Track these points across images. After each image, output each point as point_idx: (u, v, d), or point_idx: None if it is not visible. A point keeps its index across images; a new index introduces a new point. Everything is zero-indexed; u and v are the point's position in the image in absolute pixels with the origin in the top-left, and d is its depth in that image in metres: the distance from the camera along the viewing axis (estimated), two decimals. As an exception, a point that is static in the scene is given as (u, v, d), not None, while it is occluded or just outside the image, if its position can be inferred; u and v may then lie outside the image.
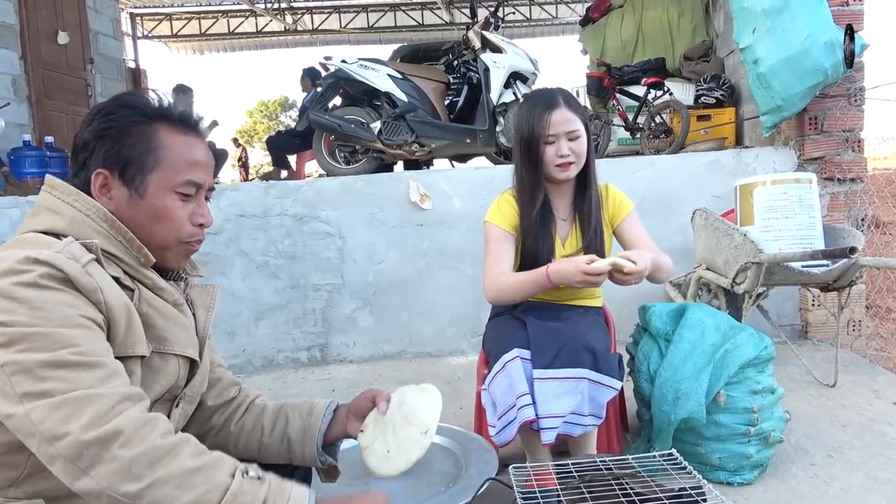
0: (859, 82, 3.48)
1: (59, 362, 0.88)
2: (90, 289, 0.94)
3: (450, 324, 3.76)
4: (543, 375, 1.70)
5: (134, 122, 1.07)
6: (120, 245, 1.05)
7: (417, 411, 1.33)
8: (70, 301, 0.92)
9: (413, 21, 12.39)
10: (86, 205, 1.04)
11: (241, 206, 3.74)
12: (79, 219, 1.03)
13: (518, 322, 1.92)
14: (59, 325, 0.89)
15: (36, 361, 0.87)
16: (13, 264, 0.91)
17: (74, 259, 0.94)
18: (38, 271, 0.91)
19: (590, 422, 1.72)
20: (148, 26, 12.27)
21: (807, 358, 3.16)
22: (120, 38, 6.90)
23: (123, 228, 1.04)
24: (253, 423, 1.31)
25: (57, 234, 1.01)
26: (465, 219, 3.69)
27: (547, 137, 1.87)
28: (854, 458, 2.13)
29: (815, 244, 2.73)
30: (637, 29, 5.92)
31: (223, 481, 0.91)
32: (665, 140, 4.73)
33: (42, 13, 5.42)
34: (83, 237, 1.01)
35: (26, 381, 0.86)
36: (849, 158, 3.53)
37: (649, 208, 3.60)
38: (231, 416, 1.32)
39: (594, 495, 1.32)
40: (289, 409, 1.34)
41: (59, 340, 0.89)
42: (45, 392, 0.86)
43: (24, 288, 0.89)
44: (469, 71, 4.55)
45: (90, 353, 0.91)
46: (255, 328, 3.78)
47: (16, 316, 0.88)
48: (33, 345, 0.88)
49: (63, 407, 0.86)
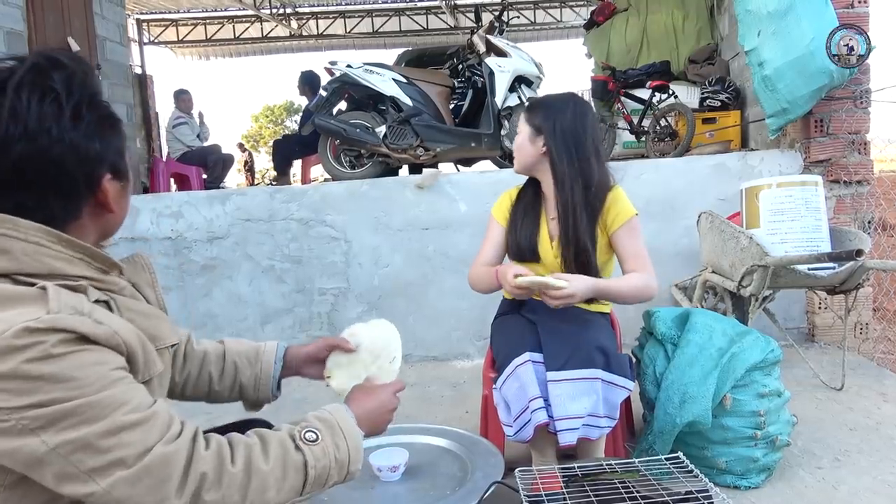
0: (865, 84, 3.47)
1: (118, 427, 0.83)
2: (108, 336, 0.87)
3: (455, 328, 3.76)
4: (557, 377, 1.71)
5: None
6: (82, 262, 0.93)
7: (378, 344, 1.40)
8: (96, 359, 0.84)
9: (418, 26, 12.41)
10: (28, 231, 0.88)
11: (247, 211, 3.76)
12: (29, 251, 0.87)
13: (527, 323, 1.93)
14: (99, 390, 0.83)
15: (94, 433, 0.81)
16: (10, 341, 0.78)
17: (79, 314, 0.85)
18: (48, 341, 0.80)
19: (605, 423, 1.72)
20: (154, 32, 12.33)
21: (813, 361, 3.15)
22: (126, 43, 6.93)
23: (80, 243, 0.92)
24: (198, 371, 1.33)
25: (7, 275, 0.87)
26: (469, 223, 3.69)
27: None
28: (862, 461, 2.12)
29: (822, 247, 2.72)
30: (642, 32, 5.92)
31: (299, 461, 0.98)
32: (670, 143, 4.73)
33: (50, 20, 5.45)
34: (41, 270, 0.88)
35: (90, 457, 0.81)
36: (855, 161, 3.52)
37: (654, 211, 3.59)
38: (176, 367, 1.30)
39: (600, 498, 1.32)
40: (235, 355, 1.36)
41: (109, 404, 0.83)
42: (115, 462, 0.82)
43: (40, 364, 0.79)
44: (474, 75, 4.56)
45: (140, 406, 0.87)
46: (261, 332, 3.78)
47: (44, 395, 0.79)
48: (82, 417, 0.81)
49: (146, 477, 0.84)
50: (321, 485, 1.01)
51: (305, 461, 0.98)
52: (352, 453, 1.05)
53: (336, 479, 1.04)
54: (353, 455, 1.05)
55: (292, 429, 1.03)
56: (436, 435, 1.92)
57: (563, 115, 1.94)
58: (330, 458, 1.01)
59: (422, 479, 1.66)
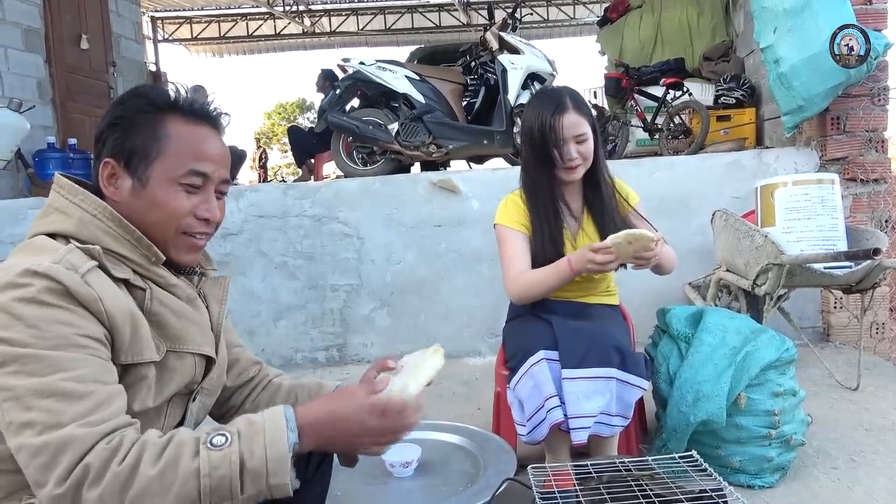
0: (883, 82, 3.43)
1: (49, 391, 0.86)
2: (90, 300, 0.92)
3: (467, 325, 3.77)
4: (573, 375, 1.69)
5: (142, 112, 1.05)
6: (128, 244, 1.03)
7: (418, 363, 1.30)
8: (68, 319, 0.90)
9: (430, 23, 12.41)
10: (92, 204, 1.02)
11: (260, 207, 3.78)
12: (86, 220, 1.01)
13: (541, 322, 1.91)
14: (54, 347, 0.87)
15: (25, 388, 0.85)
16: (14, 277, 0.89)
17: (73, 269, 0.92)
18: (37, 286, 0.89)
19: (618, 422, 1.72)
20: (169, 30, 12.42)
21: (829, 361, 3.12)
22: (141, 41, 6.99)
23: (131, 227, 1.02)
24: (267, 402, 1.30)
25: (65, 235, 1.00)
26: (482, 220, 3.69)
27: (557, 141, 1.87)
28: (878, 462, 2.10)
29: (838, 246, 2.70)
30: (656, 29, 5.89)
31: (190, 467, 0.87)
32: (684, 141, 4.69)
33: (66, 17, 5.50)
34: (90, 238, 0.99)
35: (14, 410, 0.85)
36: (872, 159, 3.48)
37: (668, 209, 3.57)
38: (249, 395, 1.32)
39: (613, 496, 1.31)
40: (299, 388, 1.33)
41: (52, 364, 0.87)
42: (28, 423, 0.85)
43: (23, 304, 0.88)
44: (486, 72, 4.55)
45: (83, 378, 0.88)
46: (273, 328, 3.80)
47: (13, 333, 0.87)
48: (25, 367, 0.86)
49: (42, 453, 0.84)
50: (227, 497, 0.88)
51: (198, 469, 0.87)
52: (270, 464, 0.90)
53: (252, 490, 0.89)
54: (271, 466, 0.90)
55: (207, 431, 0.93)
56: (448, 431, 1.92)
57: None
58: (233, 466, 0.88)
59: (434, 475, 1.67)
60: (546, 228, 1.93)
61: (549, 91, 2.02)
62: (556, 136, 1.86)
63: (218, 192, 1.13)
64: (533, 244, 1.96)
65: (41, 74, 5.24)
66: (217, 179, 1.11)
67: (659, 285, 1.87)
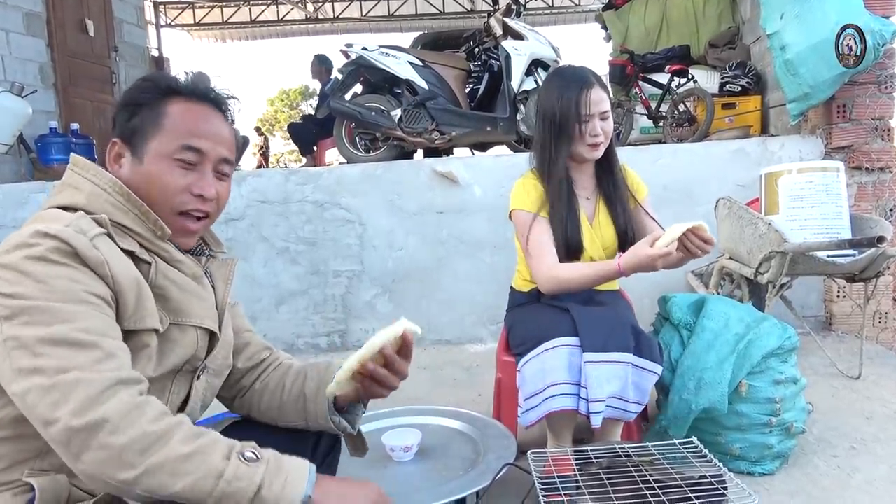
0: (890, 69, 3.40)
1: (57, 339, 0.88)
2: (97, 262, 0.95)
3: (469, 312, 3.77)
4: (596, 358, 1.65)
5: (147, 95, 1.10)
6: (136, 218, 1.05)
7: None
8: (75, 276, 0.93)
9: (434, 9, 12.30)
10: (102, 179, 1.06)
11: (262, 193, 3.77)
12: (96, 193, 1.05)
13: (555, 309, 1.86)
14: (60, 300, 0.90)
15: (34, 337, 0.88)
16: (25, 238, 0.93)
17: (82, 233, 0.95)
18: (45, 245, 0.92)
19: (634, 409, 1.70)
20: (171, 15, 12.34)
21: (831, 349, 3.12)
22: (144, 26, 6.95)
23: (139, 201, 1.05)
24: (276, 382, 1.31)
25: (76, 208, 1.03)
26: (485, 207, 3.68)
27: (583, 117, 1.85)
28: (878, 450, 2.10)
29: (842, 234, 2.68)
30: (661, 16, 5.83)
31: (217, 466, 0.89)
32: (689, 128, 4.67)
33: (69, 1, 5.47)
34: (99, 211, 1.02)
35: (23, 357, 0.87)
36: (878, 147, 3.45)
37: (672, 197, 3.55)
38: (259, 375, 1.33)
39: (613, 482, 1.32)
40: (309, 367, 1.34)
41: (59, 315, 0.89)
42: (37, 369, 0.86)
43: (32, 262, 0.91)
44: (490, 58, 4.52)
45: (89, 330, 0.91)
46: (275, 313, 3.81)
47: (21, 288, 0.89)
48: (32, 318, 0.88)
49: (53, 391, 0.85)
50: None
51: (223, 471, 0.89)
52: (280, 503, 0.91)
53: None
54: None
55: (242, 444, 0.95)
56: (449, 417, 1.93)
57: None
58: (251, 486, 0.89)
59: (434, 459, 1.68)
60: (566, 213, 1.90)
61: (570, 68, 1.97)
62: (582, 112, 1.85)
63: (218, 171, 1.14)
64: (556, 235, 1.92)
65: (43, 59, 5.22)
66: (215, 158, 1.12)
67: (660, 274, 1.86)
